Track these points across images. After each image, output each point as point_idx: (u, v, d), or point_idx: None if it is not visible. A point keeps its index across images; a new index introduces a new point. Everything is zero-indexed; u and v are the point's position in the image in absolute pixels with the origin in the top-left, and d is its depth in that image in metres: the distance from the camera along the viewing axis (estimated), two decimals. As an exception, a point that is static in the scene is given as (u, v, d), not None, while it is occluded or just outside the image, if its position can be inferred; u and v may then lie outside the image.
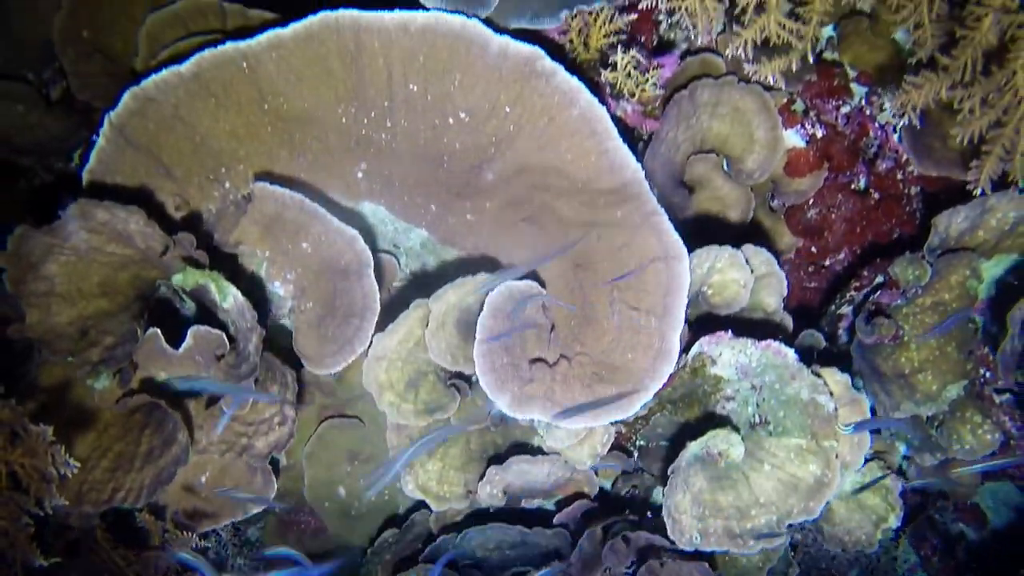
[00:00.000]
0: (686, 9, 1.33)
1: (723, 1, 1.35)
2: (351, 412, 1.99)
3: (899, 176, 1.84)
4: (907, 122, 1.46)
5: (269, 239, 1.67)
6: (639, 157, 1.68)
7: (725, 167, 1.83)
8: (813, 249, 1.95)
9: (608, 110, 1.70)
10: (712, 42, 1.36)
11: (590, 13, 1.59)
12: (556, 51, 1.74)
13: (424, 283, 1.89)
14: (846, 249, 1.94)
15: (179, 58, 1.50)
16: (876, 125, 1.79)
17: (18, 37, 1.58)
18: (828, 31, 1.79)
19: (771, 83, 1.66)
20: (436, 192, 1.72)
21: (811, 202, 1.89)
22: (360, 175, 1.73)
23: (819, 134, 1.80)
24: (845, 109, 1.79)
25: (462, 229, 1.77)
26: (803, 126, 1.80)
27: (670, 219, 1.55)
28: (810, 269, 2.00)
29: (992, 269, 1.79)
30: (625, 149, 1.51)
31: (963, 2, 1.40)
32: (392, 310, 1.76)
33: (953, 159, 1.72)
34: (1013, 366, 1.59)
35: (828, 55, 1.80)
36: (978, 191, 1.46)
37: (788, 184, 1.83)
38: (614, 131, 1.49)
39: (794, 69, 1.43)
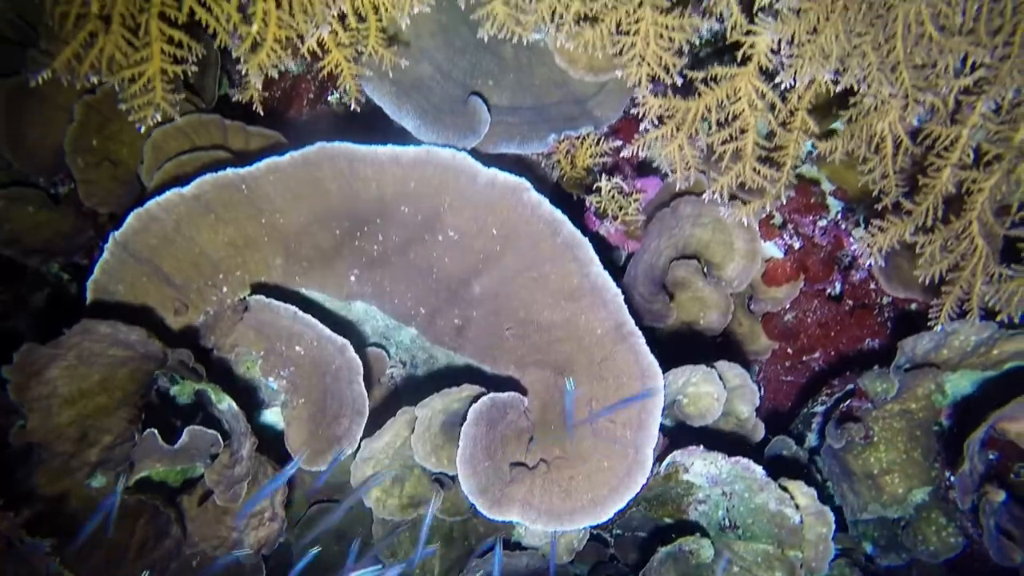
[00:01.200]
0: (665, 156, 1.41)
1: (701, 149, 1.43)
2: (340, 496, 2.06)
3: (872, 286, 1.92)
4: (873, 262, 1.54)
5: (264, 341, 1.75)
6: (620, 276, 1.76)
7: (705, 273, 1.91)
8: (789, 350, 2.03)
9: (592, 229, 1.78)
10: (690, 178, 1.43)
11: (577, 137, 1.67)
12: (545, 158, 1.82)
13: (412, 375, 1.96)
14: (821, 350, 2.01)
15: (182, 173, 1.58)
16: (850, 240, 1.87)
17: (31, 145, 1.66)
18: (807, 146, 1.87)
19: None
20: (425, 298, 1.80)
21: (787, 306, 1.97)
22: (353, 279, 1.80)
23: (796, 245, 1.88)
24: (822, 223, 1.87)
25: (450, 332, 1.85)
26: (781, 238, 1.88)
27: (648, 335, 1.63)
28: (787, 364, 2.07)
29: (957, 380, 1.87)
30: (605, 274, 1.58)
31: (925, 154, 1.48)
32: (381, 406, 1.83)
33: (918, 282, 1.80)
34: (971, 489, 1.67)
35: (806, 170, 1.88)
36: (939, 327, 1.54)
37: (766, 292, 1.91)
38: (595, 258, 1.57)
39: (767, 209, 1.52)
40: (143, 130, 1.40)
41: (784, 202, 1.81)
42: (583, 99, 1.64)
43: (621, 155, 1.60)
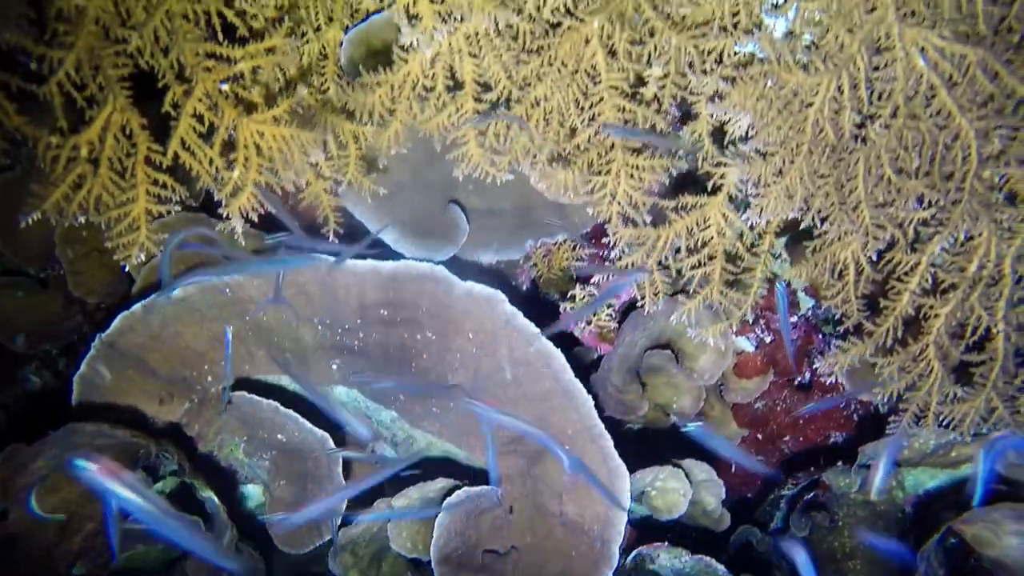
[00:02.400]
0: (637, 284, 1.46)
1: (671, 274, 1.48)
2: (319, 568, 2.11)
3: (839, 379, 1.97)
4: (835, 379, 1.59)
5: (247, 429, 1.79)
6: (594, 370, 1.81)
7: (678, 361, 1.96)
8: (759, 436, 2.08)
9: (567, 328, 1.83)
10: (657, 302, 1.49)
11: (554, 244, 1.72)
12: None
13: (393, 454, 2.01)
14: (790, 436, 2.07)
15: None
16: (820, 337, 1.92)
17: (23, 236, 1.70)
18: (780, 244, 1.92)
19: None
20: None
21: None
22: (334, 367, 1.84)
23: (767, 340, 1.93)
24: (793, 319, 1.92)
25: (429, 418, 1.89)
26: (753, 332, 1.93)
27: (620, 426, 1.68)
28: (756, 449, 2.13)
29: (918, 475, 1.93)
30: (576, 381, 1.63)
31: (886, 278, 1.53)
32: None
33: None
34: (929, 593, 1.73)
35: (779, 268, 1.93)
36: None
37: (736, 384, 1.96)
38: (567, 366, 1.62)
39: (733, 330, 1.57)
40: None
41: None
42: (560, 205, 1.69)
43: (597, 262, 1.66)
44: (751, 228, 1.47)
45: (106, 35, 1.21)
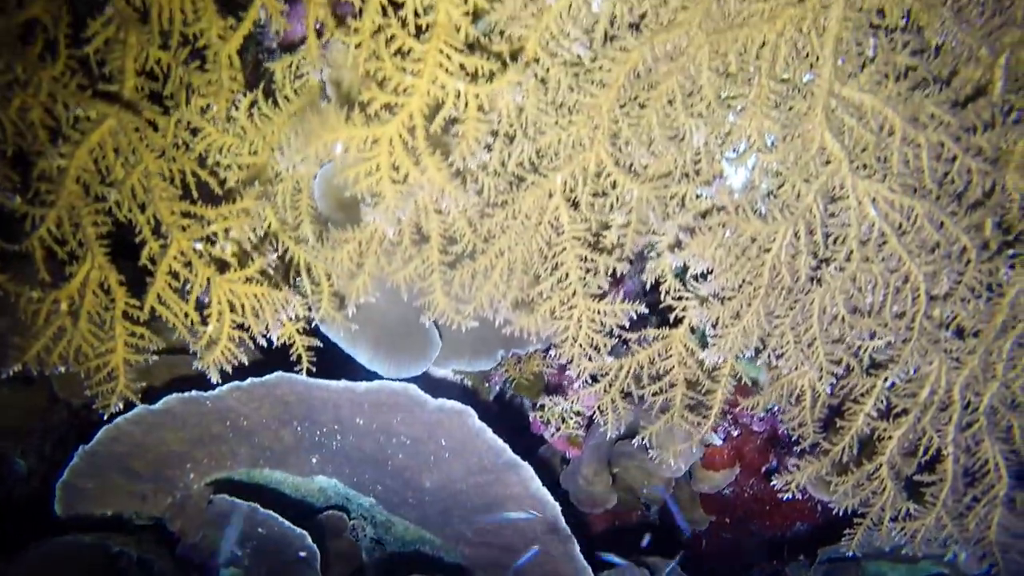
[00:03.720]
0: (599, 408, 1.50)
1: (634, 401, 1.52)
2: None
3: (803, 469, 2.02)
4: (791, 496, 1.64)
5: (227, 527, 1.83)
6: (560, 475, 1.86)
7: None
8: (727, 519, 2.13)
9: (536, 432, 1.87)
10: (620, 427, 1.53)
11: (525, 353, 1.76)
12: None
13: (372, 538, 2.05)
14: (757, 522, 2.11)
15: (149, 385, 1.66)
16: (784, 430, 1.97)
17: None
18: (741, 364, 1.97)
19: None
20: (382, 480, 1.88)
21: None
22: (314, 460, 1.88)
23: (734, 433, 1.97)
24: (760, 413, 1.96)
25: (406, 506, 1.93)
26: (721, 426, 1.98)
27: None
28: (724, 531, 2.17)
29: (878, 566, 1.98)
30: (544, 489, 1.68)
31: (843, 400, 1.58)
32: (341, 570, 1.92)
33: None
34: None
35: (746, 367, 1.97)
36: (850, 552, 1.64)
37: (704, 475, 2.00)
38: (534, 475, 1.66)
39: (693, 452, 1.61)
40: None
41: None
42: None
43: (565, 373, 1.69)
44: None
45: (86, 192, 1.25)
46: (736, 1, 1.25)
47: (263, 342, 1.30)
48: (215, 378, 1.29)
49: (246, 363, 1.31)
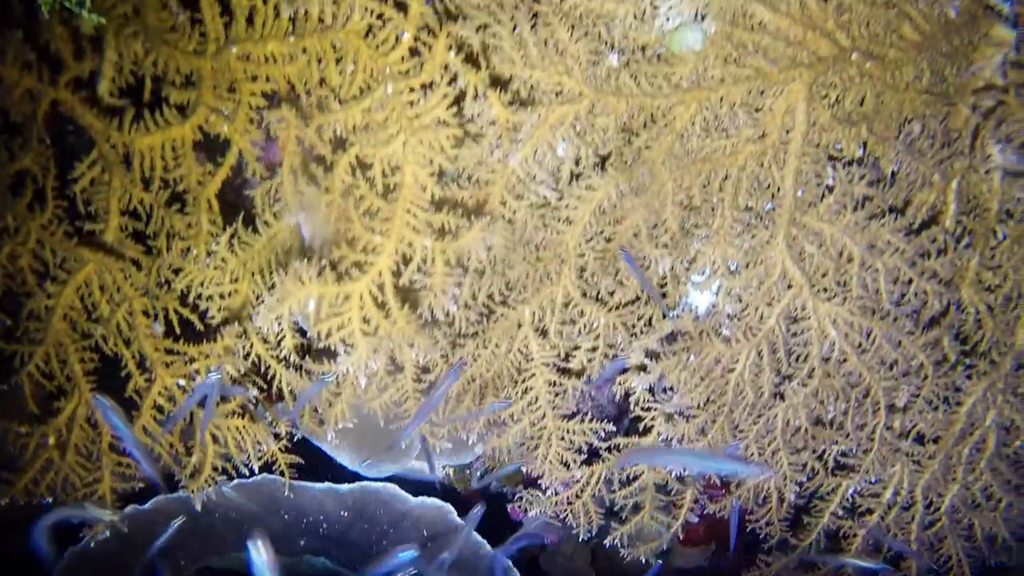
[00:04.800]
0: (571, 511, 1.54)
1: (604, 506, 1.57)
2: None
3: (778, 543, 2.06)
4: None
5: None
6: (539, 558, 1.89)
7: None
8: (705, 586, 2.17)
9: (516, 518, 1.91)
10: (593, 529, 1.57)
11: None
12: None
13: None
14: (735, 588, 2.16)
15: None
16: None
17: None
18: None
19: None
20: (370, 559, 1.93)
21: (702, 554, 2.11)
22: (303, 542, 1.92)
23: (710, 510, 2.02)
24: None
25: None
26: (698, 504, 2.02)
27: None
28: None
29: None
30: (521, 582, 1.72)
31: (810, 498, 1.62)
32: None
33: None
34: None
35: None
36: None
37: (682, 550, 2.05)
38: (512, 568, 1.71)
39: (664, 548, 1.65)
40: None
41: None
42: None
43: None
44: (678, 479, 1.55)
45: (73, 328, 1.29)
46: (698, 139, 1.29)
47: (246, 471, 1.35)
48: (198, 506, 1.33)
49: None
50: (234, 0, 1.18)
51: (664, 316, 1.40)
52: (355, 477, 1.68)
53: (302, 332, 1.39)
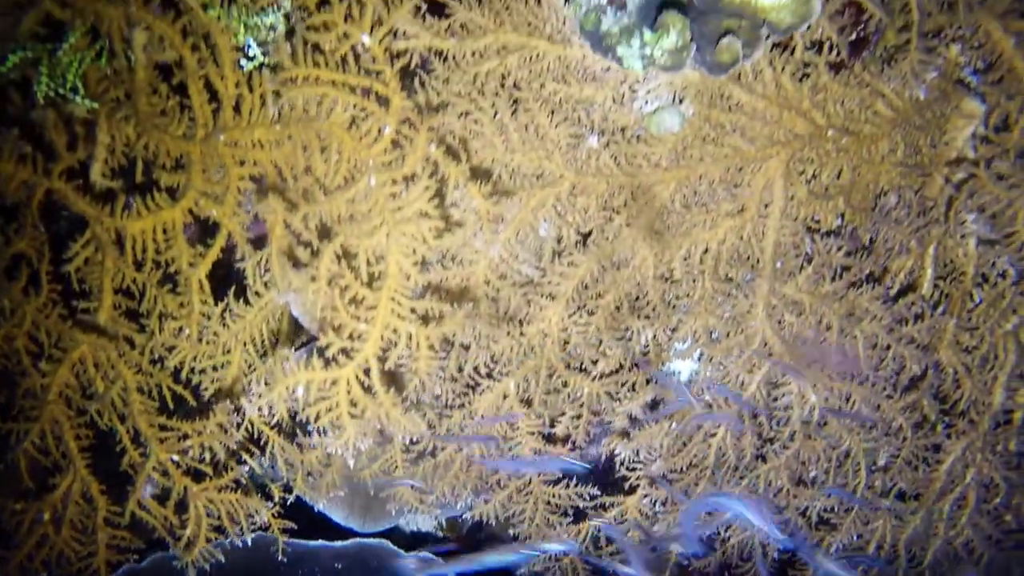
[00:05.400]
0: (560, 570, 1.57)
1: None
2: None
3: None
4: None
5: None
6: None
7: None
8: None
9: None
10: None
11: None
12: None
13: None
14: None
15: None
16: None
17: None
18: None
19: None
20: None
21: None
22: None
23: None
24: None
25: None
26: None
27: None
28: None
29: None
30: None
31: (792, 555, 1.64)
32: None
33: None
34: None
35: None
36: None
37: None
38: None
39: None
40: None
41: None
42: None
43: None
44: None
45: (68, 405, 1.31)
46: (678, 215, 1.31)
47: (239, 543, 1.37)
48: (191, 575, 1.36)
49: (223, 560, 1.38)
50: (221, 89, 1.21)
51: (648, 382, 1.43)
52: (349, 532, 1.70)
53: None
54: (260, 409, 1.14)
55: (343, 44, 1.09)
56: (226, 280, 1.43)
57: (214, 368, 1.37)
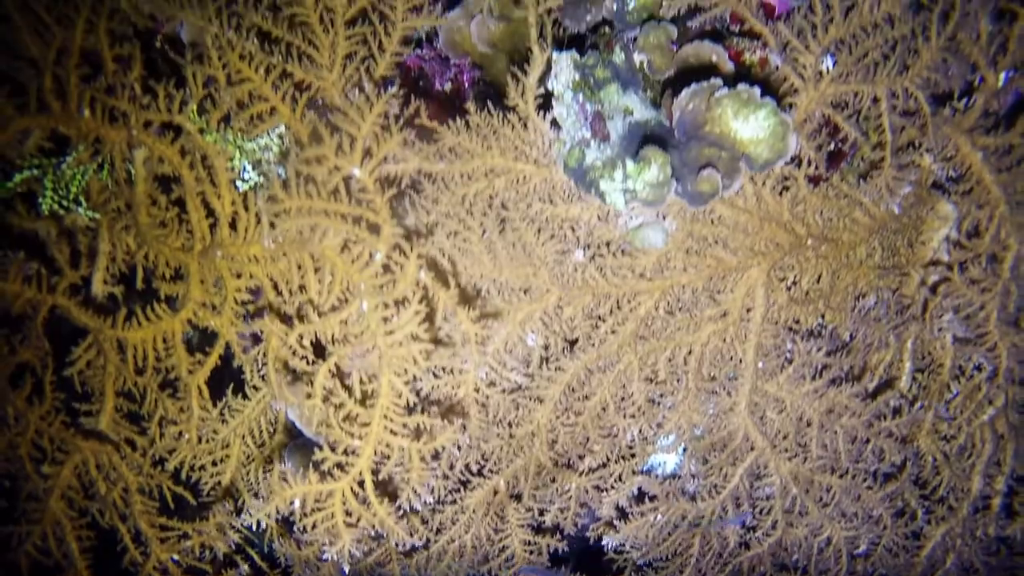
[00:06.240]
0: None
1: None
2: None
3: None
4: None
5: None
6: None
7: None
8: None
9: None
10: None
11: None
12: None
13: None
14: None
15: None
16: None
17: None
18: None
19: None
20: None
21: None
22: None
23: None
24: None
25: None
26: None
27: None
28: None
29: None
30: None
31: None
32: None
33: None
34: None
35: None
36: None
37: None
38: None
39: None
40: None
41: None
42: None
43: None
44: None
45: (70, 506, 1.35)
46: (662, 320, 1.35)
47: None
48: None
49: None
50: (218, 207, 1.25)
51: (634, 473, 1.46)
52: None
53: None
54: (256, 522, 1.18)
55: (335, 176, 1.13)
56: (223, 373, 1.47)
57: (213, 463, 1.41)
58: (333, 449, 1.19)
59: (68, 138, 1.29)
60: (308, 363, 1.23)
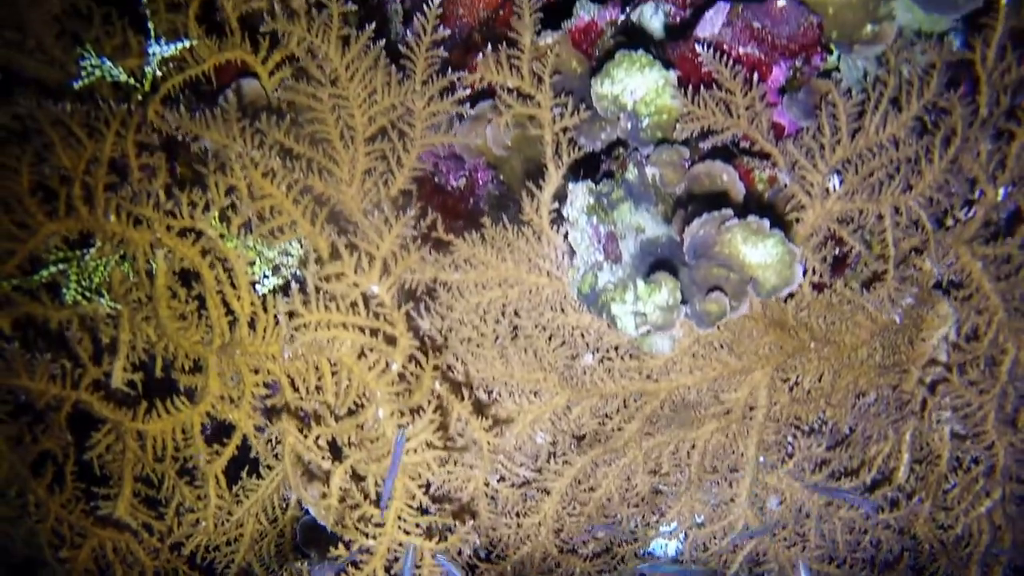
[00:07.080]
0: None
1: None
2: None
3: None
4: None
5: None
6: None
7: None
8: None
9: None
10: None
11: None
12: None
13: None
14: None
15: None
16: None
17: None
18: None
19: None
20: None
21: None
22: None
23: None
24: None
25: None
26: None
27: None
28: None
29: None
30: None
31: None
32: None
33: None
34: None
35: None
36: None
37: None
38: None
39: None
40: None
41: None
42: None
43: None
44: None
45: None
46: (667, 418, 1.39)
47: None
48: None
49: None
50: (237, 308, 1.28)
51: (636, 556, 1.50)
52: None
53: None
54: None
55: (353, 291, 1.16)
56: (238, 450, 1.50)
57: (227, 543, 1.45)
58: (348, 548, 1.23)
59: (92, 232, 1.33)
60: (324, 460, 1.26)
